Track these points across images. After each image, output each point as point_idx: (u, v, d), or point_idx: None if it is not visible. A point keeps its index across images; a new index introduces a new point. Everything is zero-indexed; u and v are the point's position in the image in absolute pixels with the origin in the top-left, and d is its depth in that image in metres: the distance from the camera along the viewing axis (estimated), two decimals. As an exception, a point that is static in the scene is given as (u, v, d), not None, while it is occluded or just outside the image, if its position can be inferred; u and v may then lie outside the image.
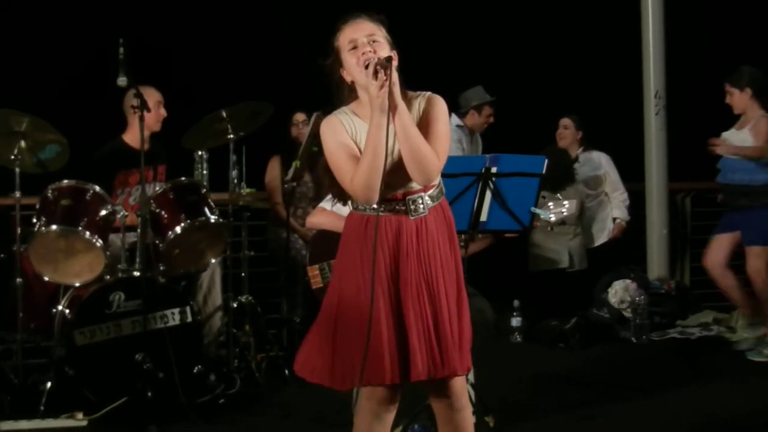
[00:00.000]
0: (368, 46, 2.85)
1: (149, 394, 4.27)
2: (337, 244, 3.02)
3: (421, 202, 2.92)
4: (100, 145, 5.07)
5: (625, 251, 6.75)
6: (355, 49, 2.87)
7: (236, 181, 5.09)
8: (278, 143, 6.16)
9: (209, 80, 7.14)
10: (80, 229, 4.44)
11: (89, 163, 4.96)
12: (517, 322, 6.12)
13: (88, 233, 4.44)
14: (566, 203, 4.03)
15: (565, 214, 4.03)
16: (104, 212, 4.53)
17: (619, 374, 5.28)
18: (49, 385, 4.38)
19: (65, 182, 4.54)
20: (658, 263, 6.88)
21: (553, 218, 3.97)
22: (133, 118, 4.85)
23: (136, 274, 4.52)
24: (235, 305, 5.09)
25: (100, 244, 4.45)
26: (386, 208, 2.90)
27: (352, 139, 2.90)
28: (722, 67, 5.73)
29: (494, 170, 3.86)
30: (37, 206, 4.56)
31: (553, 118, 6.87)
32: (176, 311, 4.53)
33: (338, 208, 4.09)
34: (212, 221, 4.71)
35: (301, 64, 7.43)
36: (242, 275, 5.26)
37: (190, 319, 4.56)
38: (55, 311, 4.56)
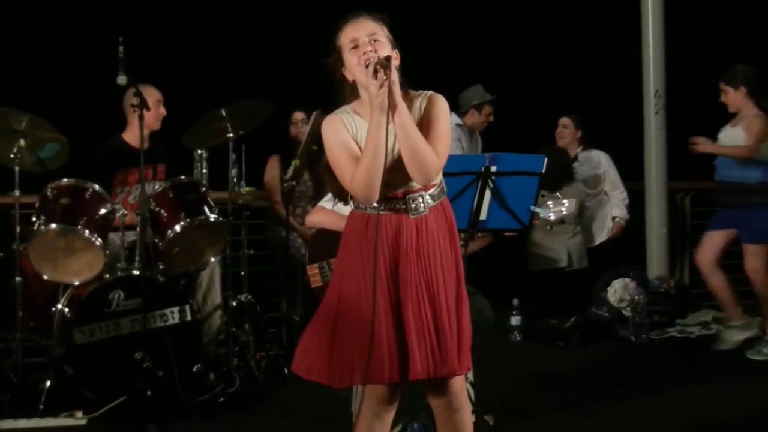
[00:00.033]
0: (369, 45, 2.85)
1: (149, 392, 4.27)
2: (336, 243, 3.02)
3: (421, 200, 2.92)
4: (99, 143, 5.07)
5: (624, 250, 6.75)
6: (356, 48, 2.86)
7: (236, 179, 5.08)
8: (277, 142, 6.16)
9: (209, 79, 7.14)
10: (80, 227, 4.45)
11: (89, 161, 4.95)
12: (516, 320, 6.13)
13: (87, 232, 4.44)
14: (565, 202, 4.04)
15: (564, 213, 4.03)
16: (104, 211, 4.53)
17: (618, 373, 5.28)
18: (48, 383, 4.38)
19: (65, 181, 4.55)
20: (657, 262, 6.88)
21: (552, 217, 3.97)
22: (132, 116, 4.84)
23: (135, 272, 4.52)
24: (234, 304, 5.09)
25: (99, 242, 4.45)
26: (386, 206, 2.90)
27: (353, 138, 2.90)
28: (722, 66, 5.73)
29: (494, 169, 3.86)
30: (36, 205, 4.56)
31: (552, 117, 6.87)
32: (176, 310, 4.53)
33: (338, 207, 4.10)
34: (212, 220, 4.71)
35: (300, 62, 7.47)
36: (242, 274, 5.26)
37: (189, 317, 4.56)
38: (54, 310, 4.56)
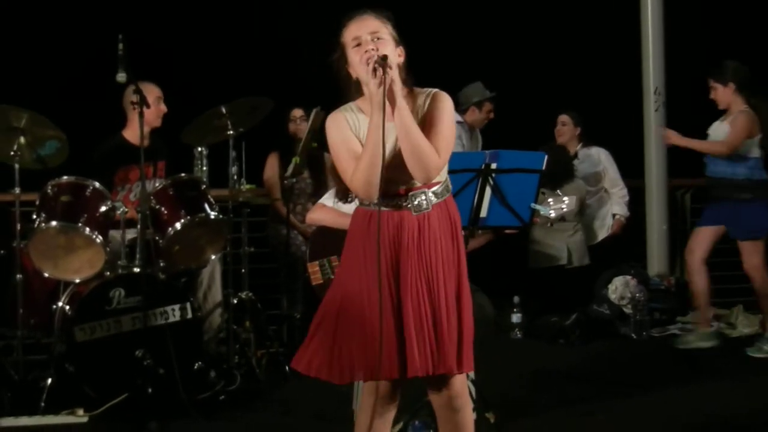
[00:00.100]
0: (372, 43, 2.85)
1: (149, 390, 4.27)
2: (337, 240, 3.03)
3: (424, 198, 2.92)
4: (99, 141, 5.07)
5: (625, 247, 6.75)
6: (359, 46, 2.87)
7: (236, 177, 5.08)
8: (276, 139, 6.16)
9: (209, 76, 7.14)
10: (80, 225, 4.44)
11: (89, 159, 4.95)
12: (517, 318, 6.13)
13: (88, 229, 4.44)
14: (566, 199, 4.03)
15: (564, 210, 4.03)
16: (104, 208, 4.53)
17: (619, 370, 5.28)
18: (49, 381, 4.38)
19: (65, 178, 4.54)
20: (658, 259, 6.88)
21: (552, 214, 3.96)
22: (132, 114, 4.84)
23: (136, 270, 4.52)
24: (235, 301, 5.09)
25: (100, 240, 4.45)
26: (389, 203, 2.91)
27: (355, 135, 2.91)
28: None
29: (494, 166, 3.85)
30: (36, 202, 4.56)
31: (552, 114, 6.87)
32: (176, 307, 4.53)
33: (339, 204, 4.11)
34: (212, 217, 4.70)
35: (299, 60, 7.49)
36: (242, 271, 5.25)
37: (190, 315, 4.56)
38: (55, 307, 4.56)
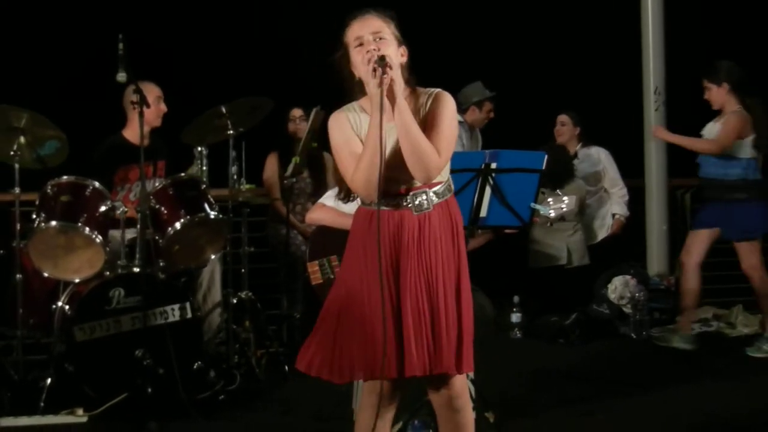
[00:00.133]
0: (373, 43, 2.86)
1: (149, 390, 4.27)
2: (336, 240, 3.03)
3: (425, 197, 2.92)
4: (99, 141, 5.07)
5: (624, 247, 6.75)
6: (361, 45, 2.88)
7: (236, 177, 5.08)
8: (276, 139, 6.16)
9: (209, 76, 7.14)
10: (80, 225, 4.44)
11: (89, 159, 4.95)
12: (516, 318, 6.14)
13: (87, 229, 4.44)
14: (566, 199, 4.03)
15: (564, 210, 4.02)
16: (104, 208, 4.53)
17: (618, 370, 5.28)
18: (49, 381, 4.38)
19: (65, 178, 4.54)
20: (657, 259, 6.88)
21: (552, 214, 3.96)
22: (132, 113, 4.84)
23: (135, 270, 4.52)
24: (234, 301, 5.08)
25: (99, 240, 4.45)
26: (389, 202, 2.91)
27: (357, 135, 2.92)
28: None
29: (494, 166, 3.85)
30: (36, 202, 4.55)
31: (552, 113, 6.87)
32: (176, 307, 4.53)
33: (339, 204, 4.10)
34: (212, 217, 4.70)
35: (299, 60, 7.49)
36: (242, 271, 5.25)
37: (189, 315, 4.56)
38: (54, 307, 4.56)
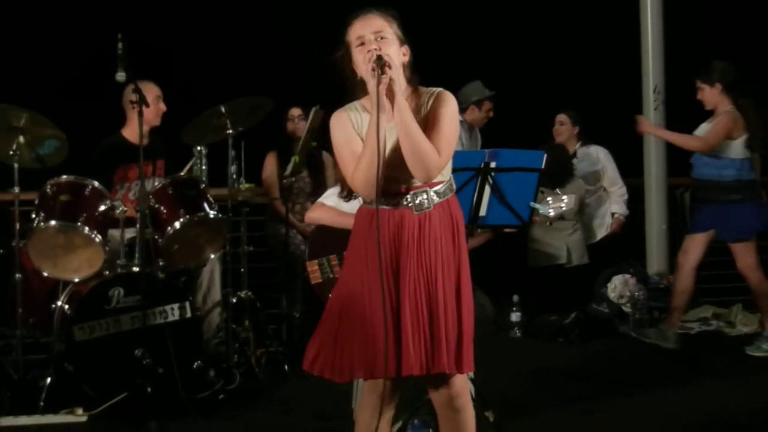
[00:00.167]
0: (375, 43, 2.86)
1: (149, 389, 4.27)
2: (336, 239, 3.03)
3: (425, 197, 2.92)
4: (99, 140, 5.07)
5: (624, 246, 6.75)
6: (362, 45, 2.88)
7: (235, 176, 5.08)
8: (275, 139, 6.16)
9: (208, 76, 7.14)
10: (79, 224, 4.44)
11: (88, 158, 4.95)
12: (516, 317, 6.14)
13: (87, 228, 4.44)
14: (565, 198, 4.03)
15: (563, 209, 4.02)
16: (103, 207, 4.53)
17: (618, 369, 5.28)
18: (48, 380, 4.38)
19: (64, 178, 4.54)
20: (657, 258, 6.88)
21: (551, 213, 3.96)
22: (132, 113, 4.84)
23: (135, 269, 4.51)
24: (234, 300, 5.09)
25: (99, 239, 4.45)
26: (390, 202, 2.92)
27: (358, 134, 2.93)
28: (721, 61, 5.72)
29: (493, 165, 3.85)
30: (36, 202, 4.55)
31: (552, 113, 6.86)
32: (176, 307, 4.53)
33: (338, 203, 4.11)
34: (211, 217, 4.70)
35: (299, 60, 7.49)
36: (241, 271, 5.25)
37: (189, 314, 4.55)
38: (54, 307, 4.56)
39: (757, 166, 5.65)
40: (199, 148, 5.06)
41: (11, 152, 4.56)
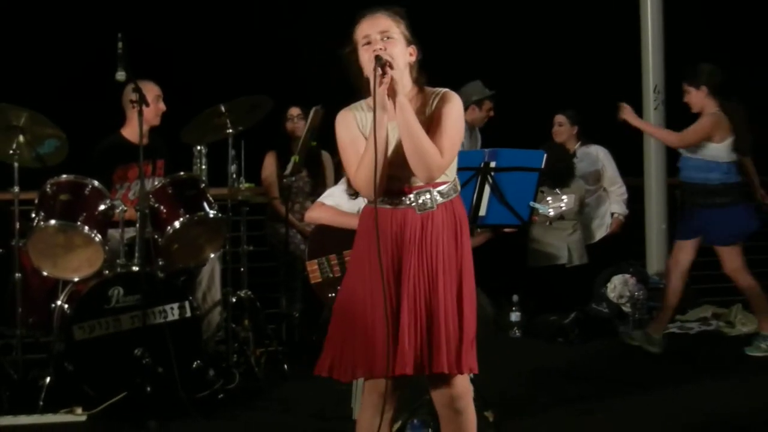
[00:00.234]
0: (381, 42, 2.86)
1: (148, 389, 4.27)
2: (336, 239, 3.03)
3: (429, 197, 2.92)
4: (99, 139, 5.07)
5: (624, 246, 6.75)
6: (368, 44, 2.88)
7: (235, 175, 5.08)
8: (274, 138, 6.16)
9: (208, 75, 7.14)
10: (79, 223, 4.44)
11: (88, 157, 4.95)
12: (516, 317, 6.14)
13: (86, 228, 4.43)
14: (564, 198, 4.03)
15: (563, 209, 4.02)
16: (103, 207, 4.52)
17: (618, 369, 5.28)
18: (48, 380, 4.38)
19: (64, 177, 4.54)
20: (657, 258, 6.88)
21: (551, 213, 3.96)
22: (131, 112, 4.84)
23: (135, 269, 4.51)
24: (234, 300, 5.09)
25: (98, 238, 4.44)
26: (393, 201, 2.92)
27: (362, 133, 2.93)
28: (721, 61, 5.72)
29: (493, 165, 3.85)
30: (35, 201, 4.55)
31: (552, 112, 6.86)
32: (175, 306, 4.52)
33: (338, 203, 4.11)
34: (211, 216, 4.70)
35: (299, 60, 7.49)
36: (241, 270, 5.25)
37: (189, 314, 4.55)
38: (54, 306, 4.56)
39: (749, 168, 5.62)
40: (198, 147, 5.05)
41: (11, 151, 4.56)
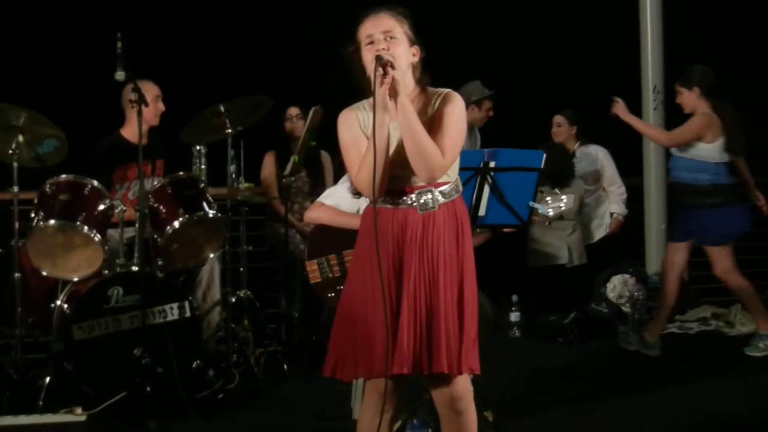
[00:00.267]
0: (384, 42, 2.86)
1: (148, 389, 4.27)
2: (335, 238, 3.03)
3: (430, 197, 2.92)
4: (98, 139, 5.06)
5: (623, 246, 6.75)
6: (371, 44, 2.88)
7: (234, 175, 5.08)
8: (273, 138, 6.15)
9: (207, 75, 7.14)
10: (78, 223, 4.44)
11: (88, 157, 4.95)
12: (515, 317, 6.14)
13: (86, 228, 4.43)
14: (564, 198, 4.02)
15: (563, 208, 4.02)
16: (102, 207, 4.52)
17: (617, 369, 5.28)
18: (47, 380, 4.38)
19: (63, 177, 4.54)
20: (656, 258, 6.87)
21: (551, 213, 3.96)
22: (131, 112, 4.84)
23: (134, 268, 4.51)
24: (233, 300, 5.08)
25: (98, 238, 4.44)
26: (394, 201, 2.92)
27: (364, 133, 2.93)
28: (721, 61, 5.72)
29: (492, 165, 3.84)
30: (35, 201, 4.55)
31: (552, 112, 6.86)
32: (175, 306, 4.52)
33: (337, 203, 4.11)
34: (210, 216, 4.70)
35: (298, 59, 7.49)
36: (241, 270, 5.24)
37: (188, 314, 4.55)
38: (53, 306, 4.56)
39: (743, 169, 5.61)
40: (198, 147, 5.05)
41: (10, 151, 4.56)
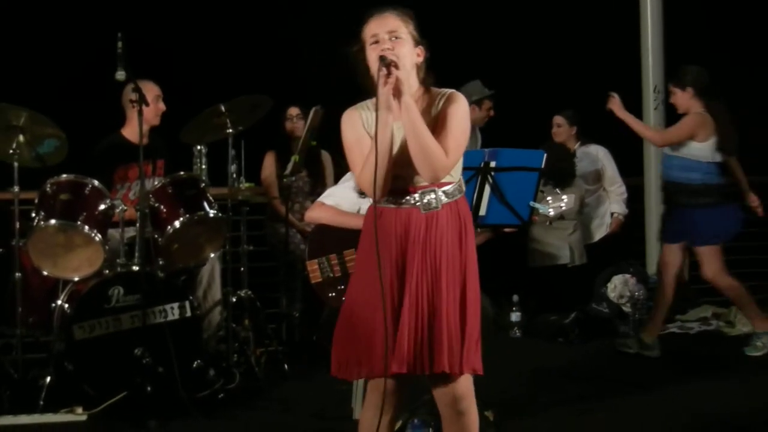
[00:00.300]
0: (388, 42, 2.86)
1: (149, 388, 4.27)
2: (336, 238, 3.03)
3: (434, 196, 2.92)
4: (99, 139, 5.07)
5: (624, 246, 6.75)
6: (376, 44, 2.88)
7: (235, 175, 5.08)
8: (274, 138, 6.15)
9: (208, 75, 7.14)
10: (79, 223, 4.44)
11: (88, 157, 4.95)
12: (516, 317, 6.14)
13: (87, 228, 4.43)
14: (564, 198, 4.03)
15: (563, 208, 4.02)
16: (103, 206, 4.52)
17: (618, 369, 5.28)
18: (48, 379, 4.38)
19: (64, 177, 4.54)
20: (656, 258, 6.84)
21: (551, 213, 3.96)
22: (131, 112, 4.84)
23: (135, 268, 4.51)
24: (234, 300, 5.08)
25: (99, 238, 4.44)
26: (397, 200, 2.92)
27: (368, 133, 2.93)
28: (721, 61, 5.73)
29: (493, 164, 3.85)
30: (35, 201, 4.55)
31: (552, 112, 6.86)
32: (175, 306, 4.52)
33: (338, 203, 4.11)
34: (211, 216, 4.70)
35: (298, 59, 7.49)
36: (241, 270, 5.24)
37: (189, 313, 4.55)
38: (54, 306, 4.56)
39: (736, 169, 5.59)
40: (198, 147, 5.05)
41: (11, 151, 4.56)
